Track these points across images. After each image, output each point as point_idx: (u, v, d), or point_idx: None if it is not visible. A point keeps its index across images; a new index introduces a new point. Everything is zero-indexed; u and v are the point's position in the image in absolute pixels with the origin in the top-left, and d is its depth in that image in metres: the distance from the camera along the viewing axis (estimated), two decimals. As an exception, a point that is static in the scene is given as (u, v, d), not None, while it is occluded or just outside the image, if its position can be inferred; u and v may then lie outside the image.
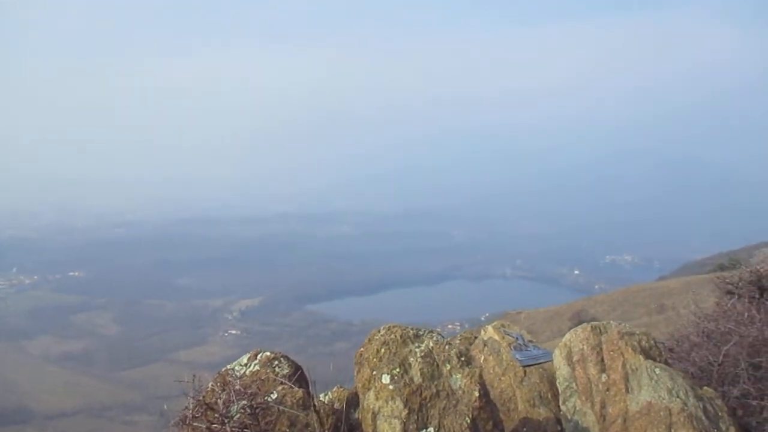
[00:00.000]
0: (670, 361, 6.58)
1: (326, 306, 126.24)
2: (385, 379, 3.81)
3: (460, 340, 5.72)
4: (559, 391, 4.94)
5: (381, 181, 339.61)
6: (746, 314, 7.10)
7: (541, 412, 5.00)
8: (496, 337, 5.56)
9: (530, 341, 5.68)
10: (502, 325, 5.78)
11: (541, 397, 5.08)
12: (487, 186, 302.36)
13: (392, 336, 4.00)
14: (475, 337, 5.76)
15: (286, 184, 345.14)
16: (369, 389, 3.86)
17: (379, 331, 4.08)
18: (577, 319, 56.52)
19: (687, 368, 6.25)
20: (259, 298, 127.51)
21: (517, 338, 5.60)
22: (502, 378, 5.22)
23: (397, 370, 3.84)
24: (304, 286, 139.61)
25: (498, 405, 5.17)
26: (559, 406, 4.94)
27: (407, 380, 3.82)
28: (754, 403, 5.51)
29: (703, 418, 4.32)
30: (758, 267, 7.96)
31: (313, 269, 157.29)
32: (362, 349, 4.03)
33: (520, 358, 5.30)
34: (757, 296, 7.76)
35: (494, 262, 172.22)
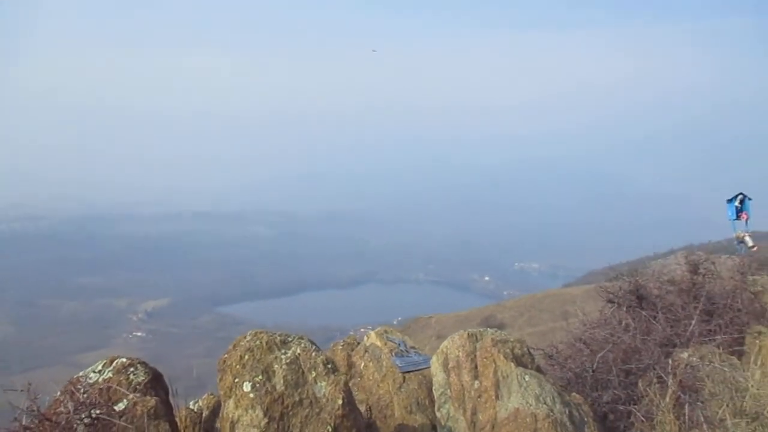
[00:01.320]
0: (548, 367, 6.79)
1: (238, 308, 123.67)
2: (247, 386, 3.67)
3: (342, 345, 5.66)
4: (435, 398, 4.96)
5: (300, 183, 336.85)
6: (623, 322, 7.43)
7: (418, 419, 5.00)
8: (378, 344, 5.52)
9: (412, 347, 5.69)
10: (385, 331, 5.76)
11: (418, 403, 5.09)
12: (405, 193, 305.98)
13: (258, 342, 3.87)
14: (358, 343, 5.71)
15: (200, 181, 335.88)
16: (230, 397, 3.71)
17: (244, 337, 3.94)
18: (486, 324, 57.93)
19: (564, 375, 6.46)
20: (168, 299, 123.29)
21: (399, 344, 5.58)
22: (381, 384, 5.19)
23: (260, 377, 3.71)
24: (216, 288, 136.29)
25: (375, 412, 5.14)
26: (435, 413, 4.95)
27: (269, 388, 3.69)
28: (622, 408, 5.74)
29: (568, 423, 4.43)
30: (637, 277, 8.35)
31: (226, 270, 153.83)
32: (226, 355, 3.87)
33: (400, 365, 5.29)
34: (635, 305, 8.14)
35: (408, 267, 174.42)
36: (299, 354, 3.89)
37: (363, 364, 5.36)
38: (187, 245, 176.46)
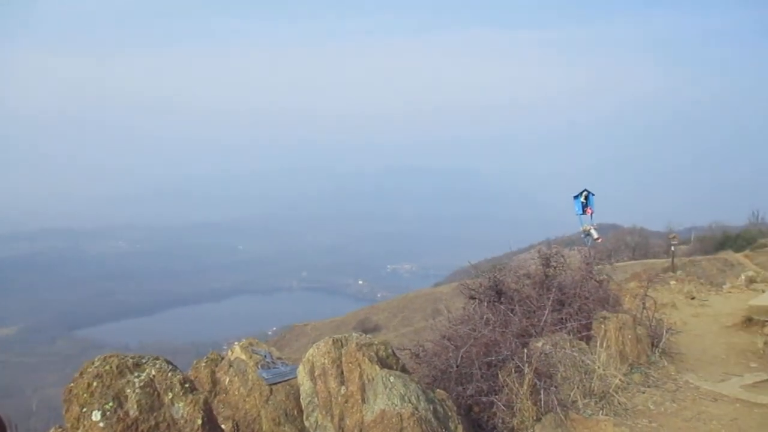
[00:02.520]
0: (416, 366, 6.96)
1: (99, 330, 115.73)
2: (96, 415, 3.41)
3: (205, 362, 5.45)
4: (303, 407, 4.91)
5: (165, 194, 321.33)
6: (484, 317, 7.78)
7: (287, 430, 4.92)
8: (243, 357, 5.38)
9: (279, 358, 5.60)
10: (250, 344, 5.63)
11: (287, 414, 5.00)
12: (274, 199, 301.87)
13: (107, 367, 3.61)
14: (222, 358, 5.52)
15: (50, 197, 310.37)
16: (77, 429, 3.43)
17: (92, 363, 3.66)
18: (362, 327, 58.61)
19: (430, 372, 6.65)
20: (16, 327, 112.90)
21: (265, 356, 5.47)
22: (247, 399, 5.06)
23: (111, 404, 3.46)
24: (74, 309, 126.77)
25: (243, 427, 4.99)
26: (303, 422, 4.90)
27: (122, 414, 3.46)
28: (485, 399, 6.00)
29: (433, 419, 4.54)
30: (496, 273, 8.80)
31: (85, 290, 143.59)
32: (72, 384, 3.57)
33: (266, 377, 5.17)
34: (495, 300, 8.56)
35: (281, 275, 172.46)
36: (154, 376, 3.68)
37: (228, 380, 5.19)
38: (36, 267, 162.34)
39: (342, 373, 4.75)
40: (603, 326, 7.56)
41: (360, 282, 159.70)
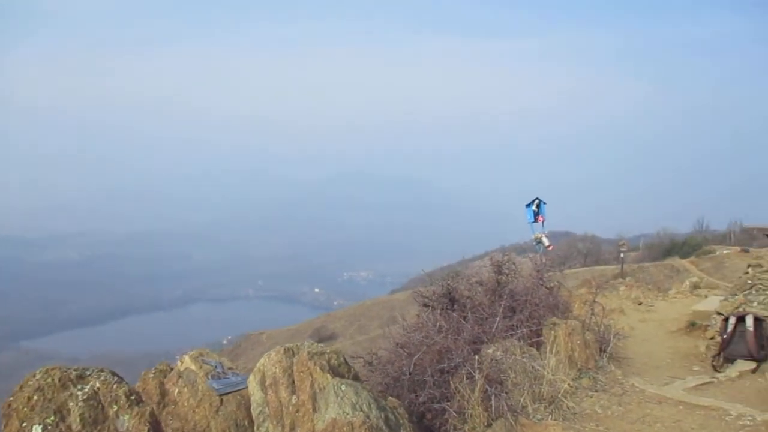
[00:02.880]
0: (369, 374, 6.97)
1: (46, 341, 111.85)
2: (36, 430, 3.32)
3: (154, 373, 5.34)
4: (254, 417, 4.87)
5: (113, 201, 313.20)
6: (437, 324, 7.85)
7: (237, 441, 4.87)
8: (193, 367, 5.30)
9: (230, 368, 5.53)
10: (201, 354, 5.55)
11: (237, 425, 4.95)
12: (228, 206, 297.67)
13: (49, 380, 3.52)
14: (171, 369, 5.43)
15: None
16: (17, 444, 3.34)
17: (33, 376, 3.56)
18: (318, 336, 58.26)
19: (383, 380, 6.67)
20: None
21: (215, 366, 5.40)
22: (197, 410, 4.98)
23: (52, 418, 3.37)
24: (17, 321, 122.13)
25: (192, 439, 4.91)
26: (254, 433, 4.86)
27: (63, 429, 3.37)
28: (437, 406, 6.05)
29: (384, 427, 4.56)
30: (449, 281, 8.90)
31: (30, 300, 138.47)
32: (11, 398, 3.47)
33: (216, 387, 5.11)
34: (448, 307, 8.65)
35: (237, 283, 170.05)
36: (98, 388, 3.60)
37: (177, 391, 5.10)
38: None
39: (293, 382, 4.73)
40: (553, 332, 7.72)
41: (316, 290, 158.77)
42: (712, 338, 9.49)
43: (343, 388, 4.57)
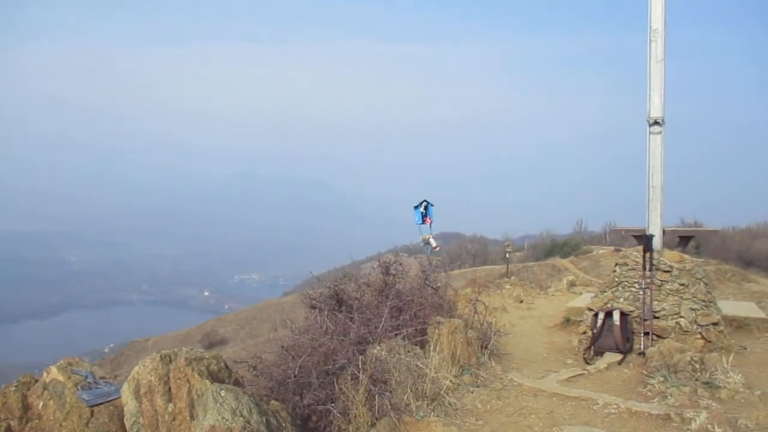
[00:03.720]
0: (254, 378, 6.85)
1: None
2: None
3: (16, 386, 4.98)
4: (128, 428, 4.65)
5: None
6: (324, 326, 7.86)
7: (109, 454, 4.63)
8: (61, 378, 4.99)
9: (102, 378, 5.26)
10: (69, 364, 5.23)
11: (110, 437, 4.71)
12: (110, 206, 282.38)
13: None
14: (36, 381, 5.08)
15: None
16: None
17: None
18: (207, 341, 56.60)
19: (268, 384, 6.57)
20: None
21: (86, 376, 5.11)
22: (64, 423, 4.69)
23: None
24: None
25: (58, 455, 4.62)
26: (128, 444, 4.64)
27: None
28: (322, 408, 6.05)
29: (265, 431, 4.50)
30: (336, 282, 8.92)
31: None
32: None
33: (86, 398, 4.83)
34: (335, 309, 8.67)
35: (119, 288, 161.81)
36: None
37: (42, 404, 4.78)
38: None
39: (170, 390, 4.57)
40: (437, 331, 7.92)
41: (206, 293, 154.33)
42: (584, 333, 10.10)
43: (222, 394, 4.47)
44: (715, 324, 9.36)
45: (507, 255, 36.41)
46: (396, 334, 7.61)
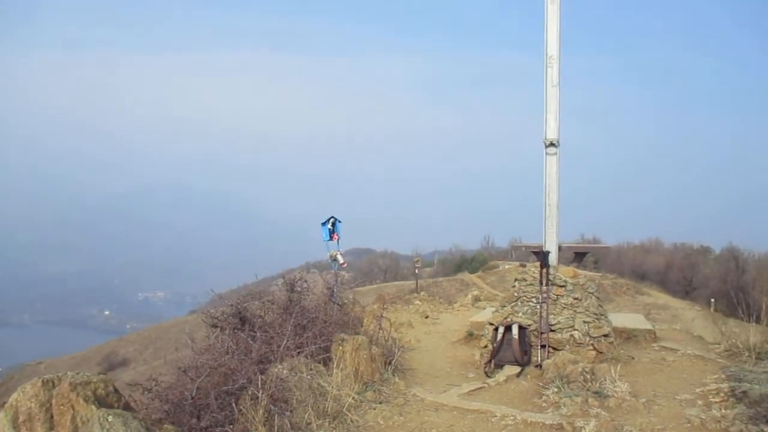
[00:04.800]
0: (148, 401, 6.59)
1: None
2: None
3: None
4: (7, 459, 4.36)
5: None
6: (225, 345, 7.69)
7: (-18, 489, 4.31)
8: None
9: (-23, 406, 4.90)
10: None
11: (-19, 470, 4.39)
12: (3, 219, 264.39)
13: None
14: None
15: None
16: None
17: None
18: (107, 363, 53.94)
19: (163, 407, 6.34)
20: None
21: (-41, 405, 4.75)
22: (-68, 458, 4.33)
23: None
24: None
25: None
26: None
27: None
28: (220, 429, 5.90)
29: (156, 458, 4.34)
30: (239, 300, 8.78)
31: None
32: None
33: (-42, 429, 4.49)
34: (238, 327, 8.51)
35: (9, 307, 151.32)
36: None
37: None
38: None
39: (52, 417, 4.32)
40: (341, 348, 7.91)
41: (106, 312, 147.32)
42: (485, 347, 10.39)
43: (110, 419, 4.27)
44: (606, 336, 9.87)
45: (417, 270, 36.97)
46: (299, 352, 7.55)
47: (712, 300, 36.09)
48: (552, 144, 10.26)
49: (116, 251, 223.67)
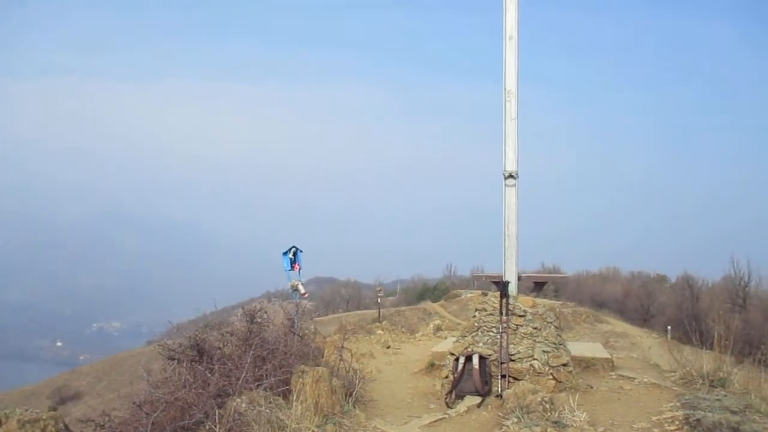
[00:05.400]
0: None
1: None
2: None
3: None
4: (-56, 504, 4.17)
5: None
6: (183, 378, 7.53)
7: None
8: None
9: None
10: None
11: None
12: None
13: None
14: None
15: None
16: None
17: None
18: (59, 396, 51.98)
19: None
20: None
21: None
22: None
23: None
24: None
25: None
26: None
27: None
28: (175, 467, 5.75)
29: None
30: (197, 332, 8.62)
31: None
32: None
33: None
34: (196, 360, 8.34)
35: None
36: None
37: None
38: None
39: (-2, 456, 4.16)
40: (301, 380, 7.81)
41: (59, 344, 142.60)
42: (446, 377, 10.38)
43: (57, 459, 4.13)
44: (564, 365, 9.97)
45: (379, 300, 36.92)
46: (258, 385, 7.43)
47: (669, 327, 36.84)
48: (511, 176, 10.45)
49: (69, 279, 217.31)
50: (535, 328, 10.20)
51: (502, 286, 10.12)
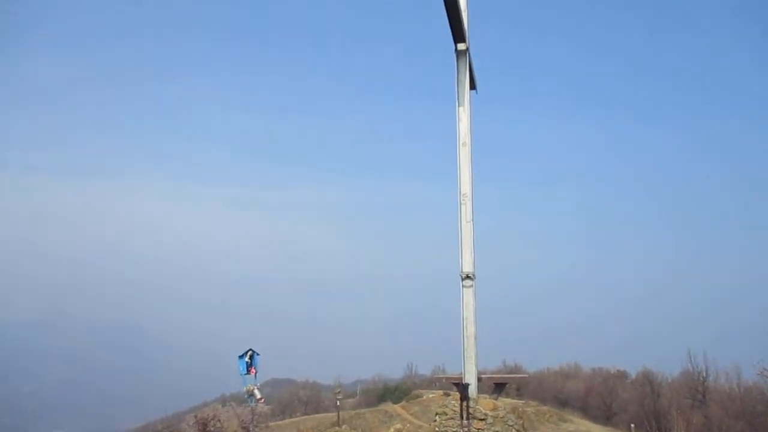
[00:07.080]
0: None
1: None
2: None
3: None
4: None
5: None
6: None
7: None
8: None
9: None
10: None
11: None
12: None
13: None
14: None
15: None
16: None
17: None
18: None
19: None
20: None
21: None
22: None
23: None
24: None
25: None
26: None
27: None
28: None
29: None
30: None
31: None
32: None
33: None
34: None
35: None
36: None
37: None
38: None
39: None
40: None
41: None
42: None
43: None
44: (528, 470, 9.76)
45: (338, 402, 35.81)
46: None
47: (632, 425, 36.56)
48: (468, 277, 10.59)
49: (6, 385, 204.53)
50: (497, 432, 10.04)
51: (462, 388, 10.02)
